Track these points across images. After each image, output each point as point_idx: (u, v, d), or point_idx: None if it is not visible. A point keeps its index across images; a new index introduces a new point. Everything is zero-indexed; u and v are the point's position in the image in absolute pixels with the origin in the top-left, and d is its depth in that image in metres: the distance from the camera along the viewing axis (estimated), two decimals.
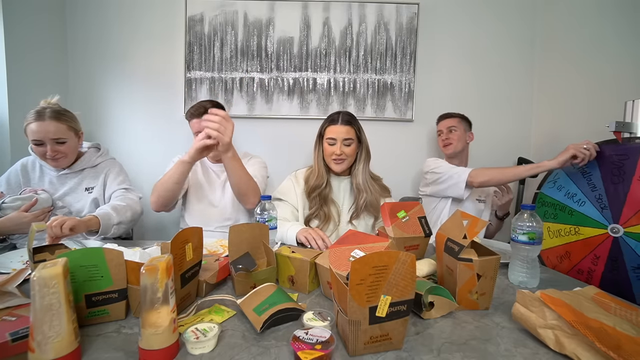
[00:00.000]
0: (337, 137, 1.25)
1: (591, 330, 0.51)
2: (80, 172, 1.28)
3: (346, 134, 1.26)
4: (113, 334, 0.59)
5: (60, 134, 1.17)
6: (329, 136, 1.27)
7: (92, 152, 1.34)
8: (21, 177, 1.25)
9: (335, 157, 1.26)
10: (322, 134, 1.30)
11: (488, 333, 0.61)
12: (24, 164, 1.27)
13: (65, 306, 0.49)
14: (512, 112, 1.91)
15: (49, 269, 0.48)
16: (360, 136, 1.31)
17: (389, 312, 0.53)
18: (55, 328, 0.47)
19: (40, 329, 0.47)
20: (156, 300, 0.50)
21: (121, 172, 1.36)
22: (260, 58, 1.83)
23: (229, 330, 0.60)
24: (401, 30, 1.82)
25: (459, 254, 0.68)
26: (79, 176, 1.28)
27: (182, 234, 0.66)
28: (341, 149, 1.25)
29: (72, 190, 1.26)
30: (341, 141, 1.25)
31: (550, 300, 0.58)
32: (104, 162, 1.34)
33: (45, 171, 1.26)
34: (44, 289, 0.47)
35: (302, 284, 0.77)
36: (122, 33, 1.83)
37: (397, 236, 0.90)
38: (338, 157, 1.26)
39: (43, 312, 0.47)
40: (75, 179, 1.27)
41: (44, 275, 0.47)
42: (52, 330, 0.47)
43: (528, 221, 0.80)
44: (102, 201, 1.29)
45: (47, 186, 1.24)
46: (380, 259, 0.51)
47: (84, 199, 1.26)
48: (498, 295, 0.76)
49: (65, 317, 0.48)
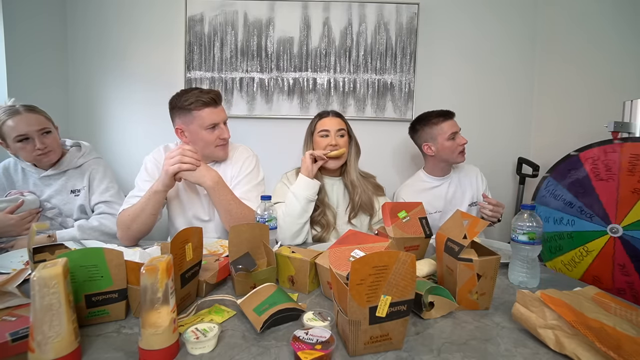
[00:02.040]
0: (330, 129, 1.26)
1: (591, 330, 0.51)
2: (64, 173, 1.24)
3: (338, 125, 1.27)
4: (113, 334, 0.59)
5: (44, 123, 1.14)
6: (322, 129, 1.27)
7: (74, 152, 1.28)
8: (5, 180, 1.22)
9: (330, 148, 1.24)
10: (313, 131, 1.30)
11: (488, 333, 0.61)
12: (5, 166, 1.23)
13: (65, 306, 0.49)
14: (512, 112, 1.90)
15: (49, 269, 0.48)
16: (350, 132, 1.32)
17: (389, 312, 0.53)
18: (55, 328, 0.47)
19: (40, 329, 0.47)
20: (156, 301, 0.50)
21: (106, 175, 1.30)
22: (260, 58, 1.83)
23: (229, 330, 0.60)
24: (401, 30, 1.82)
25: (459, 254, 0.68)
26: (62, 177, 1.24)
27: (182, 234, 0.66)
28: (335, 139, 1.25)
29: (58, 192, 1.23)
30: (334, 132, 1.26)
31: (551, 300, 0.58)
32: (88, 163, 1.29)
33: (28, 173, 1.23)
34: (44, 289, 0.47)
35: (302, 284, 0.77)
36: (122, 33, 1.83)
37: (397, 236, 0.90)
38: (334, 148, 1.24)
39: (43, 312, 0.47)
40: (59, 180, 1.23)
41: (44, 276, 0.47)
42: (52, 330, 0.47)
43: (528, 221, 0.80)
44: (88, 208, 1.26)
45: (31, 189, 1.22)
46: (380, 259, 0.51)
47: (72, 202, 1.24)
48: (498, 295, 0.76)
49: (65, 317, 0.48)
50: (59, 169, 1.23)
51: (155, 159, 1.21)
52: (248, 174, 1.22)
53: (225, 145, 1.19)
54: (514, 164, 1.87)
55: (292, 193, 1.16)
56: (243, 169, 1.22)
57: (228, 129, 1.19)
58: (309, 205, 1.15)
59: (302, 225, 1.15)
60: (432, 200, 1.43)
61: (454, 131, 1.37)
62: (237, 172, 1.22)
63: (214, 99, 1.12)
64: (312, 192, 1.16)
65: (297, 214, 1.13)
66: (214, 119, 1.12)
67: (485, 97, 1.89)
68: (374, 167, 1.55)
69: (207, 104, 1.10)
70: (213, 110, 1.11)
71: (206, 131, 1.12)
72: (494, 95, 1.89)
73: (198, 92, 1.10)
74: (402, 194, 1.46)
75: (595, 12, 1.56)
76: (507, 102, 1.90)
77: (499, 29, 1.86)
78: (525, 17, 1.86)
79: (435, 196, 1.44)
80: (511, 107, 1.90)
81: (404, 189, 1.48)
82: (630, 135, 1.19)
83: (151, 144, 1.86)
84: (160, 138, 1.85)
